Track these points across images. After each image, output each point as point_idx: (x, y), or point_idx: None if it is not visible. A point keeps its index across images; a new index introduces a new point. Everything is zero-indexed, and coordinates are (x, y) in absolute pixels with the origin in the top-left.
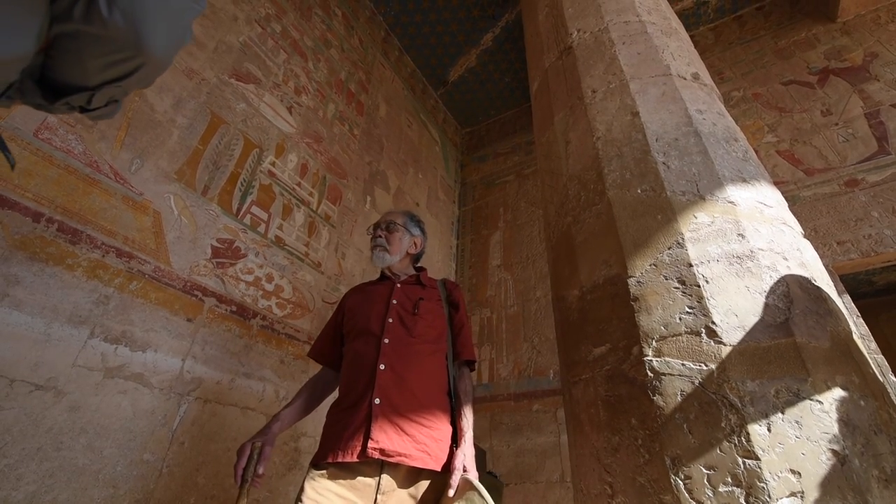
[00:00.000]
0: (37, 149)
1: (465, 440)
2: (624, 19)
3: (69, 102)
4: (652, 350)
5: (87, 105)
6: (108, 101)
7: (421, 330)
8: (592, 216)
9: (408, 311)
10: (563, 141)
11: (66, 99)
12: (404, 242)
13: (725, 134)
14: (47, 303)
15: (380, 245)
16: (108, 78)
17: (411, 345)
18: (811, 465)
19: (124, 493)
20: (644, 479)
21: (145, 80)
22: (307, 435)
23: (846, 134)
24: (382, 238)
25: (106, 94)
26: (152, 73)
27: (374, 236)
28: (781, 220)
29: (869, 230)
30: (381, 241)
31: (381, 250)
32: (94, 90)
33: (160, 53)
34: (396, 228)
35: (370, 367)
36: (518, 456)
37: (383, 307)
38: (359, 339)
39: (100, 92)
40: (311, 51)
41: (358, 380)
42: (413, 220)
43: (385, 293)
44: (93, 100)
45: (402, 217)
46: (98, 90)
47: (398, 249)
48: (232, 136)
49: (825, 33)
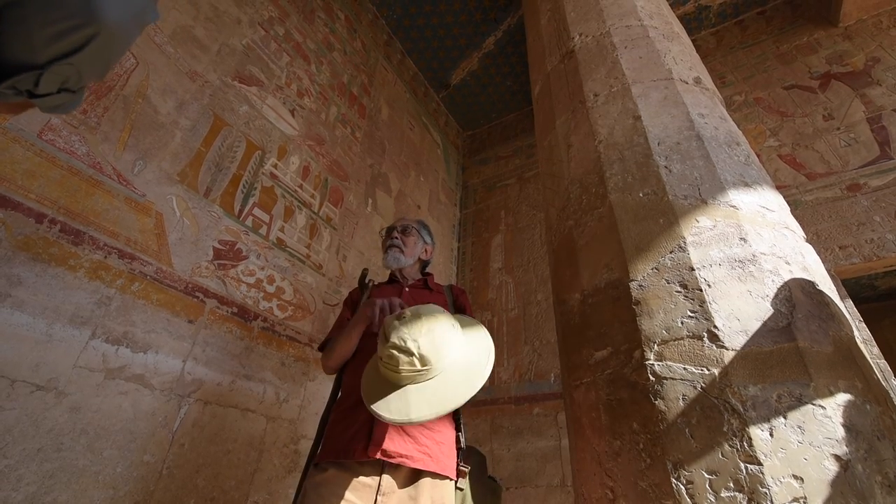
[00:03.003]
0: (40, 150)
1: None
2: (626, 23)
3: (15, 85)
4: (654, 354)
5: (34, 88)
6: (60, 86)
7: None
8: (594, 220)
9: None
10: (565, 144)
11: (12, 80)
12: (418, 247)
13: (727, 138)
14: (49, 303)
15: (396, 245)
16: (58, 52)
17: None
18: (814, 470)
19: (124, 494)
20: (646, 484)
21: (100, 59)
22: (307, 437)
23: (848, 138)
24: (398, 239)
25: (56, 76)
26: (106, 48)
27: (390, 237)
28: (784, 224)
29: (871, 235)
30: (398, 242)
31: (397, 251)
32: (42, 69)
33: (113, 21)
34: (412, 232)
35: None
36: (518, 460)
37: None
38: (368, 338)
39: (49, 70)
40: (314, 54)
41: None
42: (426, 228)
43: (394, 295)
44: (40, 81)
45: (417, 223)
46: (46, 68)
47: (413, 252)
48: (234, 139)
49: (827, 38)
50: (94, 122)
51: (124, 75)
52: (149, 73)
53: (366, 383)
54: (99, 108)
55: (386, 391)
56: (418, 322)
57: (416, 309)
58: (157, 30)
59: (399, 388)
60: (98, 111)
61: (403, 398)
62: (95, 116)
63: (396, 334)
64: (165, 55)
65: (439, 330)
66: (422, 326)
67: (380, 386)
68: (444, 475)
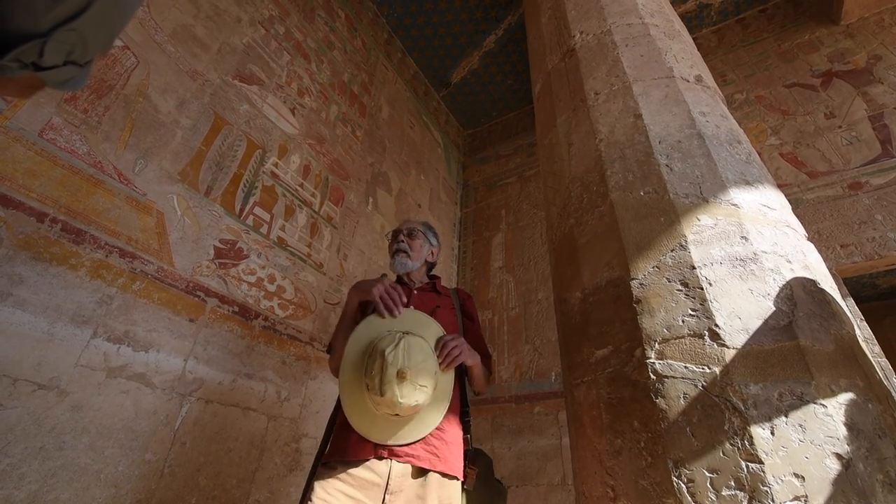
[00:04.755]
0: (41, 149)
1: None
2: (627, 21)
3: (19, 57)
4: (654, 352)
5: (39, 60)
6: (66, 57)
7: None
8: (595, 218)
9: None
10: (566, 143)
11: (16, 52)
12: (424, 249)
13: (728, 136)
14: (51, 302)
15: (402, 250)
16: (60, 16)
17: None
18: (815, 468)
19: (126, 492)
20: (646, 483)
21: (104, 23)
22: (308, 436)
23: (850, 137)
24: (405, 243)
25: (61, 45)
26: (109, 10)
27: (396, 241)
28: (785, 222)
29: (873, 233)
30: (404, 246)
31: (404, 256)
32: (45, 37)
33: None
34: (418, 235)
35: None
36: (519, 458)
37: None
38: None
39: (52, 39)
40: (314, 52)
41: None
42: (431, 230)
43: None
44: (45, 51)
45: (422, 225)
46: (49, 36)
47: (419, 256)
48: (235, 137)
49: (828, 36)
50: (95, 122)
51: (125, 74)
52: (149, 72)
53: (355, 415)
54: (100, 108)
55: (378, 422)
56: (414, 368)
57: (407, 345)
58: (157, 28)
59: (391, 419)
60: (99, 110)
61: (398, 425)
62: (96, 115)
63: (398, 391)
64: (166, 54)
65: (430, 370)
66: (418, 371)
67: (371, 417)
68: (452, 475)
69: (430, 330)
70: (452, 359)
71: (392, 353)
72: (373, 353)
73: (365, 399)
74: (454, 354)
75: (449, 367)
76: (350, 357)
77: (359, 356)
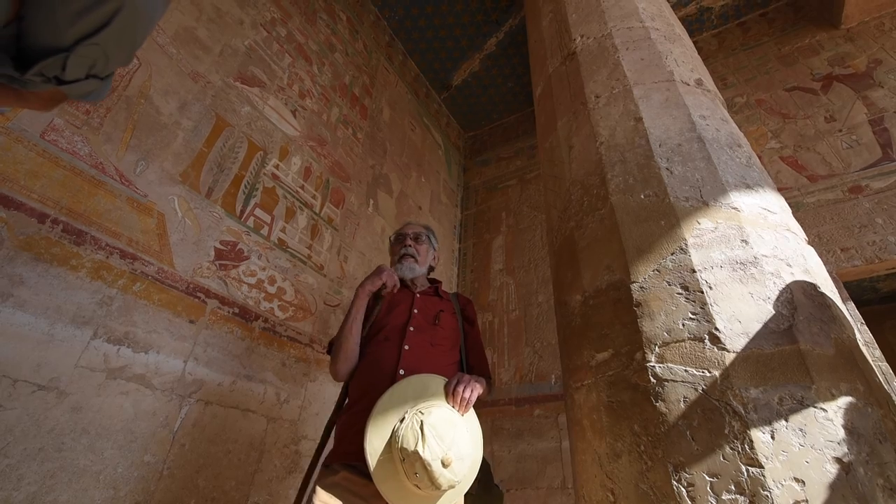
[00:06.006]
0: (43, 150)
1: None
2: (627, 25)
3: (42, 71)
4: (655, 356)
5: (62, 74)
6: (87, 71)
7: (440, 340)
8: (595, 221)
9: (428, 322)
10: (567, 146)
11: (39, 66)
12: (430, 254)
13: (729, 140)
14: (51, 303)
15: (410, 255)
16: (83, 31)
17: (431, 353)
18: (815, 473)
19: (125, 494)
20: (646, 486)
21: (125, 37)
22: (308, 438)
23: (850, 140)
24: (412, 248)
25: (83, 59)
26: (131, 24)
27: (403, 245)
28: (785, 226)
29: (873, 237)
30: (412, 251)
31: (412, 261)
32: (68, 51)
33: None
34: (423, 240)
35: (390, 372)
36: (519, 461)
37: (405, 315)
38: (379, 343)
39: (74, 54)
40: (316, 55)
41: (376, 383)
42: (433, 234)
43: (406, 302)
44: (67, 65)
45: (426, 229)
46: (72, 51)
47: (425, 260)
48: (236, 139)
49: (829, 40)
50: (96, 123)
51: (127, 76)
52: (151, 74)
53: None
54: (101, 109)
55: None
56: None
57: (431, 426)
58: (159, 31)
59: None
60: (101, 112)
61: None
62: (98, 117)
63: (453, 476)
64: (168, 56)
65: (460, 431)
66: (453, 443)
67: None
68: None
69: (431, 387)
70: (467, 402)
71: (425, 448)
72: (406, 457)
73: (407, 485)
74: (466, 397)
75: (466, 409)
76: (378, 457)
77: (389, 460)
